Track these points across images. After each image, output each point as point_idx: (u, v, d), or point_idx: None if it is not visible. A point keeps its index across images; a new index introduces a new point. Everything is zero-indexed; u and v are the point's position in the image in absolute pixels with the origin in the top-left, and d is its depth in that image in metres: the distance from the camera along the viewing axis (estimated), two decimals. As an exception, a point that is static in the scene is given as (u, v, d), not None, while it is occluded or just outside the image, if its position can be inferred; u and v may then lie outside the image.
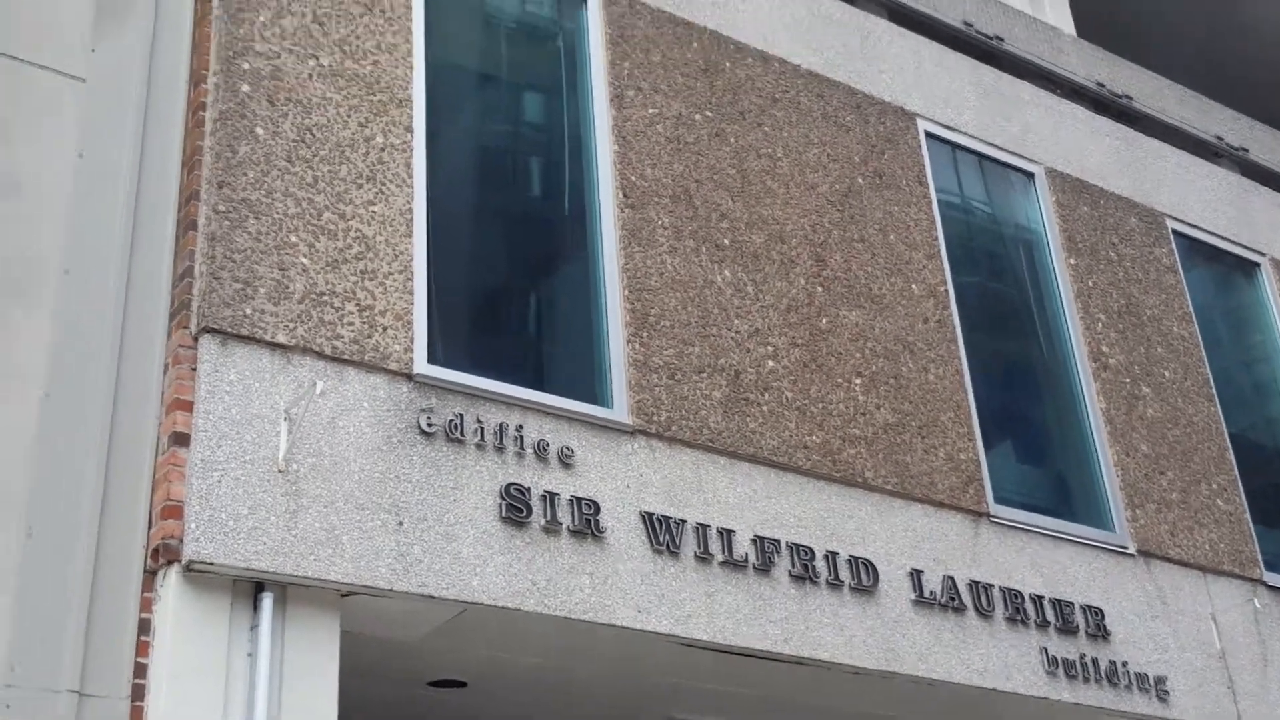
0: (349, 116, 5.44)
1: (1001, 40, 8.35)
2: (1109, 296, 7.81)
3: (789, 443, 5.97)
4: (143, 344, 4.75)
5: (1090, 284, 7.76)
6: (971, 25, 8.25)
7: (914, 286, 6.89)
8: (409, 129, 5.59)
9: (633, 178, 6.15)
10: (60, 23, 5.04)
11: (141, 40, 5.19)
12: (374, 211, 5.33)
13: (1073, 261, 7.75)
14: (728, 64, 6.84)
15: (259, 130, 5.17)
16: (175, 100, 5.19)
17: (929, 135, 7.50)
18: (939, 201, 7.30)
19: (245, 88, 5.21)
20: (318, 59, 5.46)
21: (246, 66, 5.25)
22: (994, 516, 6.49)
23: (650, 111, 6.39)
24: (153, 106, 5.11)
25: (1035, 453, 7.29)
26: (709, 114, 6.60)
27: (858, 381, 6.38)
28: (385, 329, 5.15)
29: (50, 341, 4.57)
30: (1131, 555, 6.97)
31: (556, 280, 6.13)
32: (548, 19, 6.55)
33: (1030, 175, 7.91)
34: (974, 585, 6.19)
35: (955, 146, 7.65)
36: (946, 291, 7.01)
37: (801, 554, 5.73)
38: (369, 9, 5.71)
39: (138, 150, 5.00)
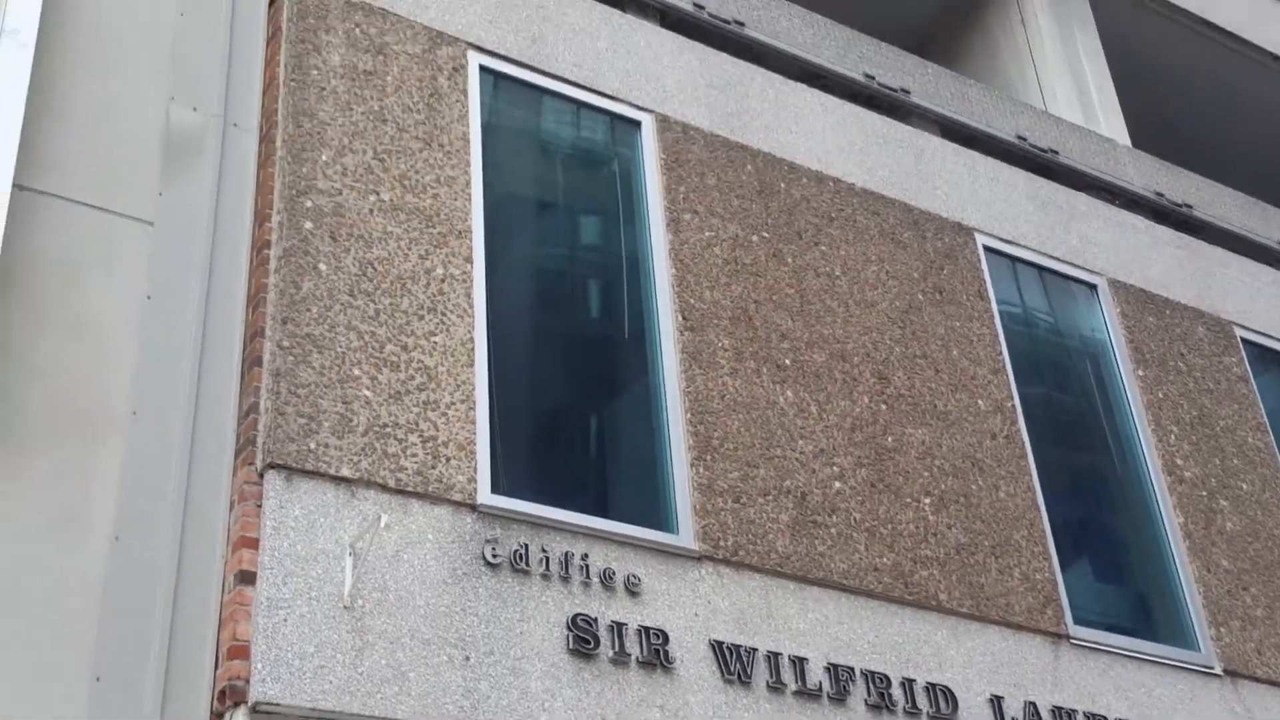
0: (409, 249, 5.48)
1: (1056, 153, 8.34)
2: (1180, 408, 7.66)
3: (859, 565, 5.85)
4: (209, 482, 4.76)
5: (1160, 395, 7.62)
6: (1025, 139, 8.25)
7: (980, 402, 6.80)
8: (469, 259, 5.63)
9: (691, 300, 6.14)
10: (130, 169, 5.15)
11: (207, 183, 5.29)
12: (435, 342, 5.35)
13: (1141, 373, 7.63)
14: (783, 185, 6.86)
15: (321, 266, 5.22)
16: (240, 240, 5.27)
17: (988, 249, 7.46)
18: (1001, 315, 7.24)
19: (308, 225, 5.27)
20: (378, 194, 5.53)
21: (309, 204, 5.32)
22: (1074, 638, 6.30)
23: (707, 234, 6.40)
24: (218, 246, 5.19)
25: (1113, 570, 7.10)
26: (765, 235, 6.61)
27: (927, 501, 6.26)
28: (449, 459, 5.12)
29: (118, 484, 4.58)
30: (1218, 675, 6.72)
31: (618, 405, 6.10)
32: (603, 145, 6.62)
33: (1093, 287, 7.84)
34: (1057, 711, 5.98)
35: (1015, 260, 7.60)
36: (1013, 406, 6.91)
37: (877, 681, 5.57)
38: (428, 144, 5.80)
39: (204, 290, 5.07)
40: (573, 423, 6.02)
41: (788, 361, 6.26)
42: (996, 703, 5.84)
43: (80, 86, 5.18)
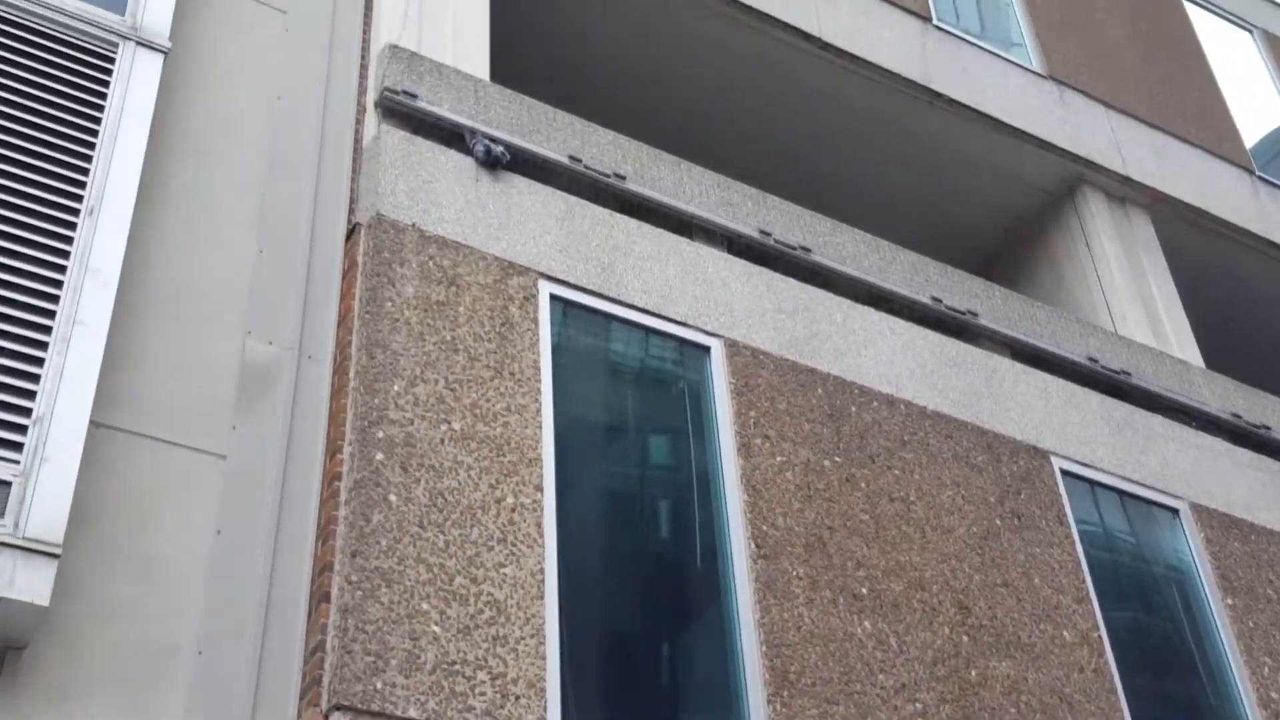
0: (480, 479, 5.43)
1: (1129, 375, 8.24)
2: (1272, 638, 7.34)
3: (946, 811, 5.54)
4: (273, 726, 4.62)
5: (1251, 625, 7.32)
6: (1097, 361, 8.17)
7: (1065, 633, 6.54)
8: (539, 488, 5.56)
9: (764, 527, 6.02)
10: (204, 403, 5.17)
11: (280, 415, 5.29)
12: (505, 574, 5.23)
13: (1230, 601, 7.34)
14: (853, 408, 6.79)
15: (392, 497, 5.17)
16: (311, 472, 5.24)
17: (1065, 473, 7.31)
18: (1082, 541, 7.03)
19: (379, 456, 5.24)
20: (450, 424, 5.51)
21: (381, 435, 5.30)
22: None
23: (778, 459, 6.31)
24: (289, 479, 5.16)
25: (1215, 815, 6.71)
26: (838, 459, 6.50)
27: (1014, 740, 5.97)
28: (518, 698, 4.95)
29: (181, 729, 4.46)
30: None
31: (691, 636, 5.91)
32: (672, 370, 6.61)
33: (1175, 511, 7.63)
34: None
35: (1094, 484, 7.43)
36: (1100, 638, 6.64)
37: None
38: (499, 373, 5.80)
39: (274, 524, 5.02)
40: (644, 655, 5.83)
41: (864, 591, 6.08)
42: None
43: (158, 323, 5.24)
